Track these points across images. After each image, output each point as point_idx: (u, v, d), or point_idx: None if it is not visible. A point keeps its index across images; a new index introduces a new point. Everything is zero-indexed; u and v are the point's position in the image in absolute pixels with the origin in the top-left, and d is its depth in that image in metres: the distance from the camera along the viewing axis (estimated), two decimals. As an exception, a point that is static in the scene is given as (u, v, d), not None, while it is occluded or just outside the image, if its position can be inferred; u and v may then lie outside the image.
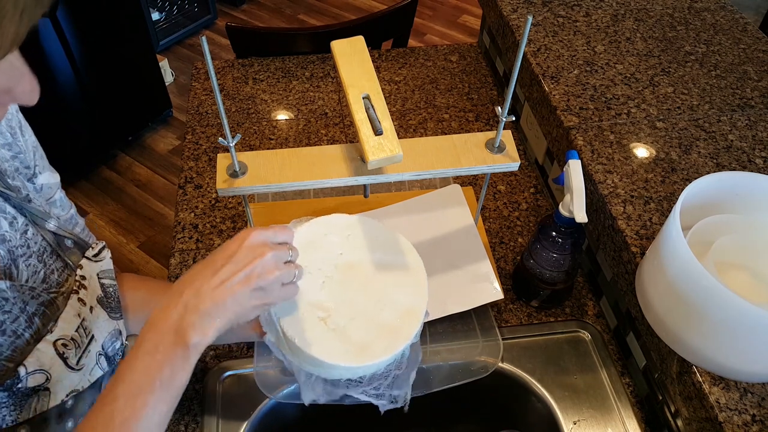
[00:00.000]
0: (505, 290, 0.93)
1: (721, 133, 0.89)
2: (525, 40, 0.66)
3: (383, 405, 0.70)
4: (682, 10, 1.13)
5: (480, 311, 0.90)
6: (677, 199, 0.64)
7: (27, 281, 0.58)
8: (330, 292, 0.69)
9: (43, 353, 0.57)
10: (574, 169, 0.75)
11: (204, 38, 0.58)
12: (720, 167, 0.84)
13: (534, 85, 1.00)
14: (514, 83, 0.71)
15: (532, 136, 1.13)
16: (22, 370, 0.54)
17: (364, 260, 0.72)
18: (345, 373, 0.67)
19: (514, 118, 0.78)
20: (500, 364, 0.86)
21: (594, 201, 0.83)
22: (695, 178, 0.66)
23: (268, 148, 1.16)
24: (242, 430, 0.80)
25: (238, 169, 0.74)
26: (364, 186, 0.80)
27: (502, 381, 0.87)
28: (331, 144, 1.10)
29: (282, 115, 1.23)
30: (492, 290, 0.90)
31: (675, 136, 0.88)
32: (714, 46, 1.05)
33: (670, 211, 0.74)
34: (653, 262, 0.68)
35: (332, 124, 1.21)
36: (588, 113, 0.92)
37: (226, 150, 0.74)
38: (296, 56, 1.36)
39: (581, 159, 0.85)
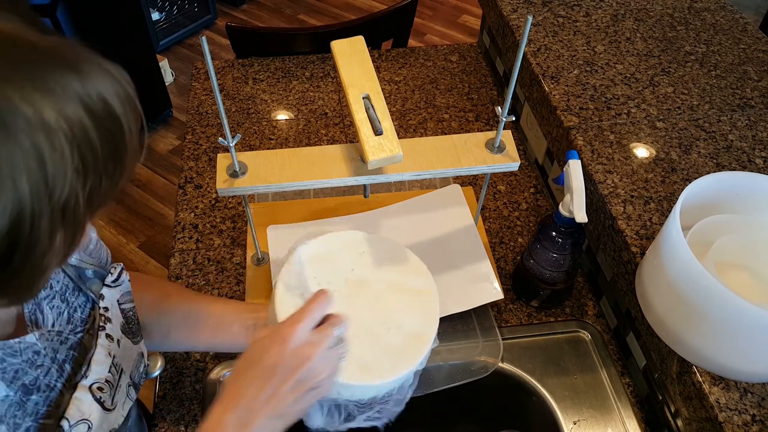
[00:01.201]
0: (505, 290, 0.93)
1: (721, 133, 0.89)
2: (525, 40, 0.66)
3: (382, 423, 0.68)
4: (682, 10, 1.13)
5: (480, 311, 0.90)
6: (677, 199, 0.64)
7: (53, 325, 0.56)
8: (336, 307, 0.66)
9: (82, 401, 0.55)
10: (574, 169, 0.75)
11: (204, 38, 0.58)
12: (720, 167, 0.84)
13: (534, 85, 1.00)
14: (514, 83, 0.71)
15: (532, 136, 1.13)
16: (65, 424, 0.53)
17: (376, 279, 0.70)
18: (343, 392, 0.63)
19: (514, 118, 0.78)
20: (500, 364, 0.86)
21: (594, 201, 0.83)
22: (695, 178, 0.66)
23: (268, 148, 1.16)
24: (242, 430, 0.80)
25: (238, 169, 0.74)
26: (364, 186, 0.80)
27: (502, 381, 0.87)
28: (331, 144, 1.10)
29: (282, 115, 1.23)
30: (492, 290, 0.90)
31: (675, 136, 0.88)
32: (714, 46, 1.05)
33: (670, 211, 0.74)
34: (653, 262, 0.68)
35: (332, 124, 1.21)
36: (588, 113, 0.92)
37: (226, 150, 0.74)
38: (296, 56, 1.36)
39: (581, 159, 0.85)
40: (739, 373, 0.64)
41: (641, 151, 0.86)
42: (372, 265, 0.71)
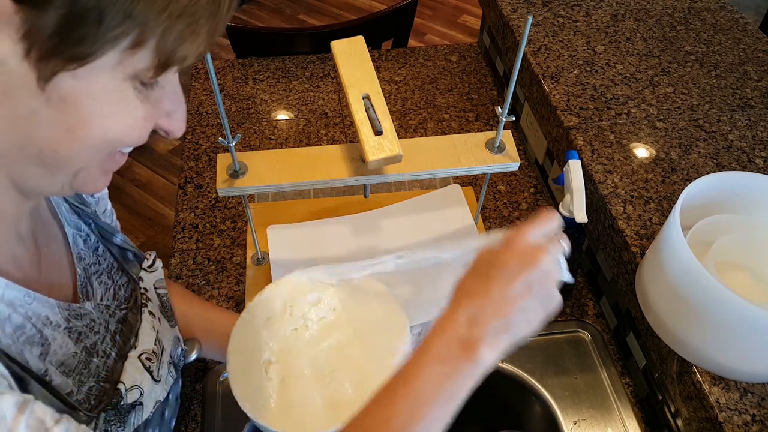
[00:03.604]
0: (505, 290, 0.93)
1: (721, 133, 0.89)
2: (525, 40, 0.66)
3: None
4: (682, 10, 1.13)
5: (480, 311, 0.90)
6: (677, 199, 0.64)
7: (101, 299, 0.59)
8: (293, 341, 0.63)
9: (134, 369, 0.58)
10: (574, 169, 0.75)
11: (204, 38, 0.58)
12: (720, 167, 0.84)
13: (534, 85, 1.00)
14: (514, 83, 0.71)
15: (532, 136, 1.13)
16: (122, 388, 0.55)
17: (352, 328, 0.65)
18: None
19: (514, 118, 0.78)
20: (500, 364, 0.86)
21: (594, 201, 0.83)
22: (695, 178, 0.66)
23: (268, 148, 1.16)
24: (242, 430, 0.80)
25: (238, 169, 0.74)
26: (364, 186, 0.80)
27: (502, 381, 0.87)
28: (331, 144, 1.10)
29: (282, 115, 1.23)
30: (492, 290, 0.89)
31: (675, 136, 0.88)
32: (714, 46, 1.05)
33: (670, 211, 0.74)
34: (653, 262, 0.68)
35: (332, 124, 1.21)
36: (588, 113, 0.92)
37: (226, 150, 0.74)
38: (296, 56, 1.36)
39: (581, 159, 0.85)
40: (739, 373, 0.64)
41: (641, 151, 0.86)
42: (357, 313, 0.66)
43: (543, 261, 0.49)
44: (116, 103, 0.40)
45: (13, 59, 0.36)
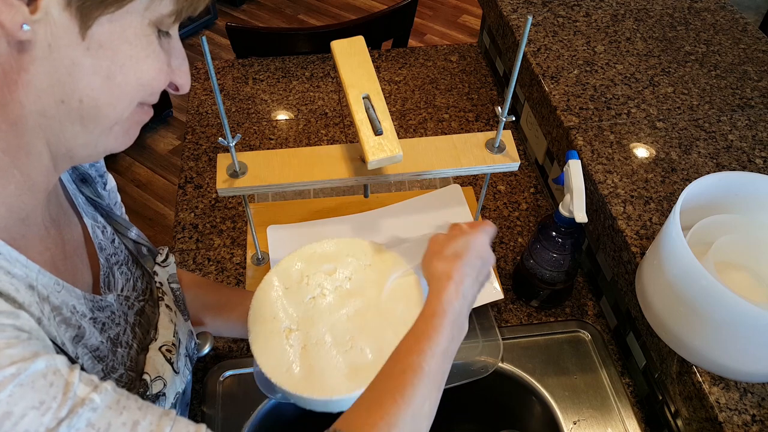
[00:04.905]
0: (505, 290, 0.93)
1: (721, 133, 0.89)
2: (525, 40, 0.66)
3: None
4: (682, 10, 1.13)
5: (480, 311, 0.90)
6: (677, 199, 0.64)
7: (122, 290, 0.60)
8: (311, 310, 0.65)
9: (157, 360, 0.59)
10: (574, 169, 0.75)
11: (204, 38, 0.58)
12: (720, 167, 0.84)
13: (534, 85, 1.00)
14: (514, 83, 0.71)
15: (532, 136, 1.13)
16: (147, 378, 0.56)
17: (369, 297, 0.67)
18: (289, 397, 0.61)
19: (514, 118, 0.78)
20: (500, 364, 0.86)
21: (594, 201, 0.83)
22: (695, 178, 0.66)
23: (268, 148, 1.16)
24: (242, 430, 0.80)
25: (238, 169, 0.74)
26: (364, 186, 0.81)
27: (502, 381, 0.87)
28: (331, 144, 1.10)
29: (282, 115, 1.23)
30: (492, 290, 0.90)
31: (675, 136, 0.88)
32: (714, 46, 1.04)
33: (670, 211, 0.74)
34: (653, 262, 0.68)
35: (332, 124, 1.21)
36: (588, 113, 0.92)
37: (226, 150, 0.74)
38: (296, 56, 1.36)
39: (581, 159, 0.85)
40: (739, 373, 0.64)
41: (641, 151, 0.86)
42: (372, 282, 0.68)
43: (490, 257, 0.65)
44: (146, 47, 0.43)
45: (55, 10, 0.37)
